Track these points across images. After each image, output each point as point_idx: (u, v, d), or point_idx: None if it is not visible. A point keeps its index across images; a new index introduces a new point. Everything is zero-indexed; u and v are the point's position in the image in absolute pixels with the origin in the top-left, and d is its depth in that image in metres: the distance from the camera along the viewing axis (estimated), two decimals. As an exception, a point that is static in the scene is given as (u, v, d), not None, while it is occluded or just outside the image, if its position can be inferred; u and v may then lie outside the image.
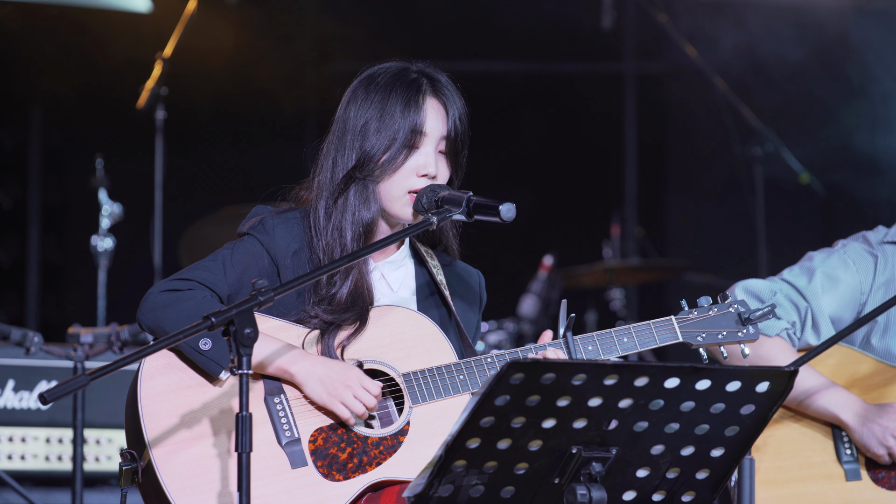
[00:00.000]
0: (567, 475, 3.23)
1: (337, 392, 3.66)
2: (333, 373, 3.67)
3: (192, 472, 3.59)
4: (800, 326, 4.50)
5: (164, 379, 3.66)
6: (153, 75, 7.47)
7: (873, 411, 4.40)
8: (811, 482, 4.40)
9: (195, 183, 9.47)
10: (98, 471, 6.17)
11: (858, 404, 4.40)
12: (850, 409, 4.40)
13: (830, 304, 4.51)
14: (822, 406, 4.40)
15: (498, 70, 9.97)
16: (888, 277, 4.54)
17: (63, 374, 6.05)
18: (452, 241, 4.02)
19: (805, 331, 4.50)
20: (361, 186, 3.85)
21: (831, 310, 4.51)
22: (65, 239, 9.70)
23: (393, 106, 3.85)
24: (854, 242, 4.59)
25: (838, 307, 4.52)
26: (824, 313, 4.50)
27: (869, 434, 4.38)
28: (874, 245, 4.56)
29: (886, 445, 4.37)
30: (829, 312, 4.50)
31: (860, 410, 4.40)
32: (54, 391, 3.19)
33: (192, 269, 3.79)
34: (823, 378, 4.42)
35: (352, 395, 3.66)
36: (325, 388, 3.67)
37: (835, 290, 4.51)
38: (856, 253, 4.56)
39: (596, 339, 3.83)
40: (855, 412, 4.39)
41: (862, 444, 4.39)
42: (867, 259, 4.55)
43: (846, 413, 4.39)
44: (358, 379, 3.68)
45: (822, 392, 4.40)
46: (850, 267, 4.53)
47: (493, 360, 3.80)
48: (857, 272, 4.53)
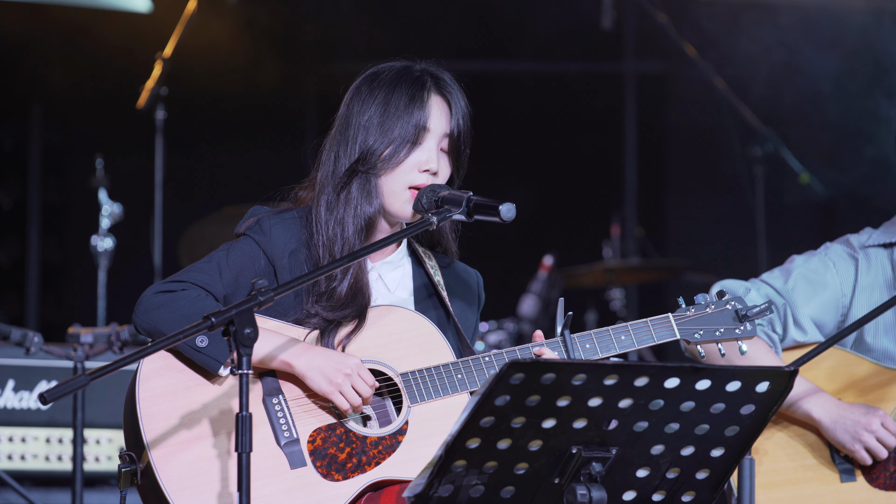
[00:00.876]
0: (567, 475, 3.23)
1: (337, 380, 3.66)
2: (333, 362, 3.68)
3: (191, 473, 3.59)
4: (780, 325, 4.49)
5: (161, 380, 3.66)
6: (153, 75, 7.47)
7: (845, 408, 4.37)
8: (806, 484, 4.39)
9: (195, 183, 9.47)
10: (98, 471, 6.16)
11: (831, 402, 4.38)
12: (821, 407, 4.37)
13: (809, 305, 4.50)
14: (799, 407, 4.39)
15: (498, 70, 9.97)
16: (872, 280, 4.53)
17: (63, 374, 6.05)
18: (451, 242, 4.02)
19: (788, 328, 4.49)
20: (364, 180, 3.85)
21: (810, 310, 4.50)
22: (65, 239, 9.70)
23: (397, 101, 3.85)
24: (836, 245, 4.59)
25: (817, 308, 4.51)
26: (803, 312, 4.49)
27: (841, 430, 4.34)
28: (856, 248, 4.55)
29: (860, 440, 4.33)
30: (808, 313, 4.49)
31: (831, 408, 4.37)
32: (54, 391, 3.19)
33: (186, 271, 3.79)
34: (808, 384, 4.41)
35: (350, 384, 3.67)
36: (326, 376, 3.67)
37: (812, 291, 4.51)
38: (837, 255, 4.55)
39: (594, 337, 3.83)
40: (826, 409, 4.37)
41: (836, 441, 4.36)
42: (847, 262, 4.54)
43: (818, 410, 4.37)
44: (357, 367, 3.68)
45: (805, 397, 4.39)
46: (831, 269, 4.53)
47: (491, 359, 3.80)
48: (837, 274, 4.52)
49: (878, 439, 4.33)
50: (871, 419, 4.33)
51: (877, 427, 4.32)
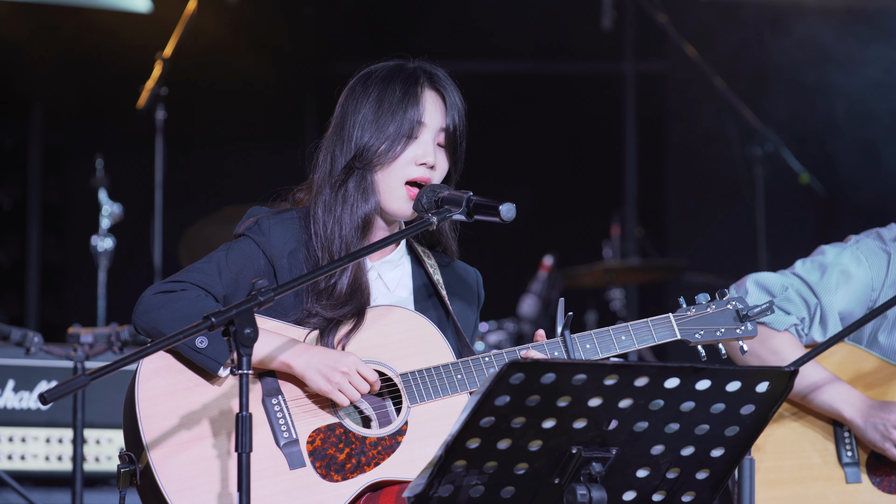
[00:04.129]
0: (567, 475, 3.23)
1: (335, 378, 3.66)
2: (331, 360, 3.68)
3: (191, 473, 3.59)
4: (808, 322, 4.50)
5: (161, 381, 3.66)
6: (153, 75, 7.47)
7: (875, 406, 4.39)
8: (811, 483, 4.40)
9: (195, 183, 9.47)
10: (98, 471, 6.16)
11: (861, 399, 4.41)
12: (851, 405, 4.40)
13: (841, 301, 4.50)
14: (824, 401, 4.40)
15: (498, 70, 9.97)
16: None
17: (63, 374, 6.05)
18: (451, 241, 4.02)
19: (812, 327, 4.50)
20: (360, 177, 3.85)
21: (842, 306, 4.50)
22: (65, 239, 9.70)
23: (391, 97, 3.86)
24: (867, 239, 4.57)
25: (849, 303, 4.51)
26: (834, 310, 4.49)
27: (871, 428, 4.38)
28: (887, 242, 4.55)
29: (891, 438, 4.37)
30: (839, 309, 4.50)
31: (862, 406, 4.40)
32: (54, 391, 3.19)
33: (186, 272, 3.79)
34: (828, 373, 4.42)
35: (348, 381, 3.67)
36: (324, 375, 3.67)
37: (846, 287, 4.50)
38: (868, 249, 4.54)
39: (594, 337, 3.83)
40: (857, 407, 4.39)
41: (865, 439, 4.39)
42: (880, 256, 4.53)
43: (848, 408, 4.39)
44: (354, 365, 3.68)
45: (826, 387, 4.40)
46: (863, 263, 4.52)
47: (491, 359, 3.80)
48: (870, 268, 4.52)
49: None
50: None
51: None
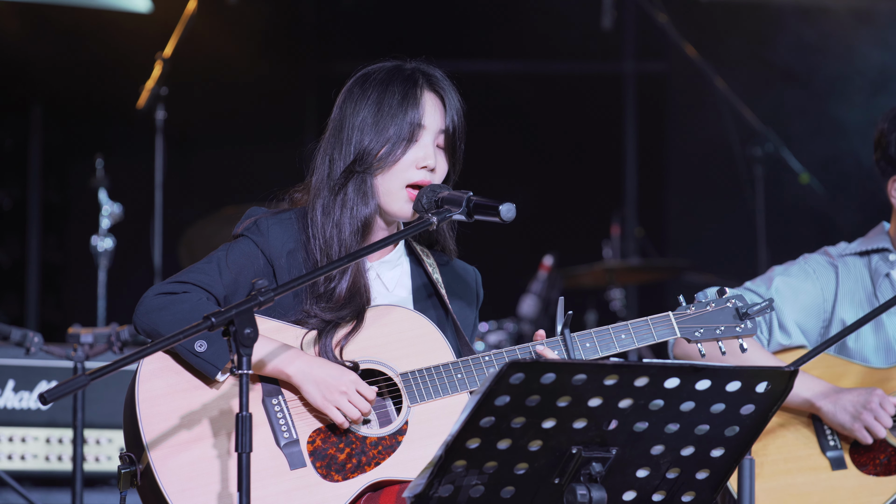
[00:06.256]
0: (567, 475, 3.23)
1: (332, 397, 3.66)
2: (330, 377, 3.67)
3: (191, 474, 3.58)
4: (766, 329, 4.61)
5: (161, 381, 3.66)
6: (153, 75, 7.47)
7: (843, 391, 4.48)
8: (798, 474, 4.49)
9: (195, 183, 9.47)
10: (98, 471, 6.17)
11: (828, 386, 4.50)
12: (819, 392, 4.48)
13: (791, 310, 4.63)
14: (794, 394, 4.47)
15: (498, 70, 9.97)
16: (852, 286, 4.68)
17: (63, 374, 6.05)
18: (450, 240, 4.02)
19: (773, 332, 4.61)
20: (360, 181, 3.84)
21: (793, 316, 4.63)
22: (65, 239, 9.70)
23: (390, 100, 3.84)
24: (815, 255, 4.75)
25: (800, 313, 4.65)
26: (787, 316, 4.62)
27: (841, 411, 4.46)
28: (834, 257, 4.72)
29: (861, 419, 4.43)
30: (792, 318, 4.63)
31: (829, 391, 4.48)
32: (54, 391, 3.18)
33: (187, 272, 3.79)
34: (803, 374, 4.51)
35: (347, 399, 3.66)
36: (321, 391, 3.66)
37: (794, 296, 4.65)
38: (816, 263, 4.71)
39: (594, 335, 3.83)
40: (825, 394, 4.48)
41: (836, 422, 4.47)
42: (828, 269, 4.70)
43: (816, 396, 4.48)
44: (353, 384, 3.67)
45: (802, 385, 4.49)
46: (811, 275, 4.68)
47: (491, 358, 3.79)
48: (818, 280, 4.68)
49: (876, 418, 4.43)
50: (870, 398, 4.44)
51: (875, 406, 4.43)
